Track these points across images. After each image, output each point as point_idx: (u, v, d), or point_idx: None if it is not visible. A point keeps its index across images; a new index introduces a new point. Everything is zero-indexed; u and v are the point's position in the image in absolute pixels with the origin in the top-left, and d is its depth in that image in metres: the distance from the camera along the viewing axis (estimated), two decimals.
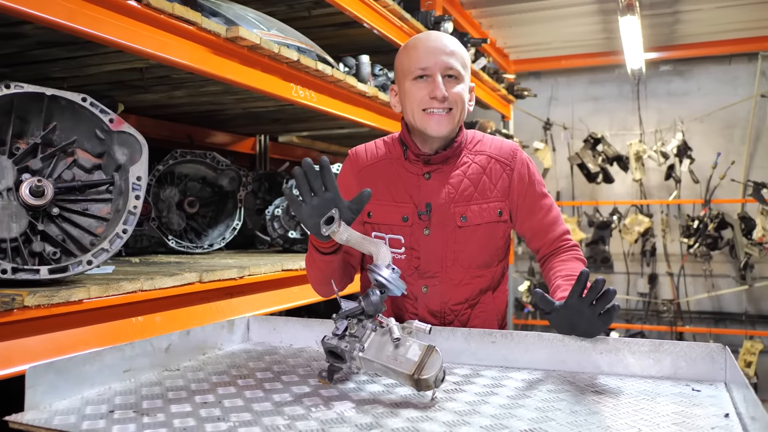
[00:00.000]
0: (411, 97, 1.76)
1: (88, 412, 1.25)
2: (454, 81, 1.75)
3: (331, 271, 1.77)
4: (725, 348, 1.49)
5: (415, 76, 1.75)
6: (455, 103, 1.75)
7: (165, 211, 3.17)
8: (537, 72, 8.00)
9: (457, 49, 1.77)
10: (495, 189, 1.82)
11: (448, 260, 1.81)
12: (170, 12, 1.99)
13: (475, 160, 1.84)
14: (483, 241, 1.82)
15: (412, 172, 1.83)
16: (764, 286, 7.21)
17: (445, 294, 1.84)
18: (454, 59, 1.75)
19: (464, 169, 1.82)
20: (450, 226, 1.80)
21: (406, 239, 1.82)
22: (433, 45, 1.75)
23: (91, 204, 1.86)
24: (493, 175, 1.83)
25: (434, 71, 1.73)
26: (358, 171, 1.90)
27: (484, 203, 1.81)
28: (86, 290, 1.69)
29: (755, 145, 7.35)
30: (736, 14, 6.12)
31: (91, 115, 1.79)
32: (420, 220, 1.80)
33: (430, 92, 1.73)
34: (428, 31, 1.84)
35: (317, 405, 1.30)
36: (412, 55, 1.76)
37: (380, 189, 1.84)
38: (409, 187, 1.83)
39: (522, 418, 1.22)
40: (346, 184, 1.88)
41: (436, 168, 1.82)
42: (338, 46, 3.82)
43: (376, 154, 1.90)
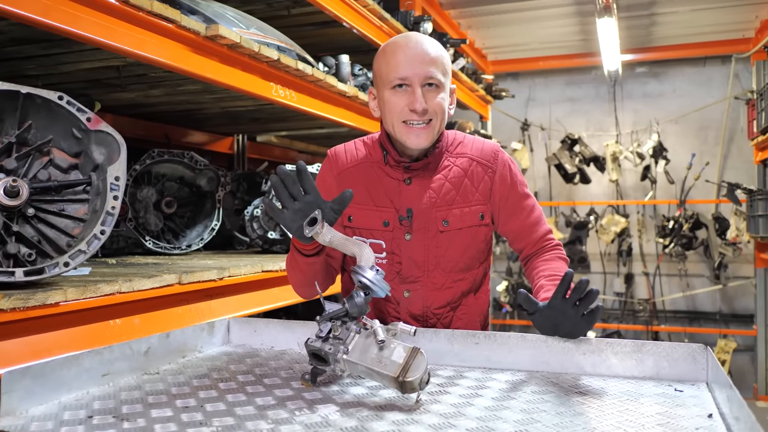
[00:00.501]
0: (390, 107, 1.72)
1: (65, 418, 1.22)
2: (434, 90, 1.70)
3: (313, 273, 1.74)
4: (707, 348, 1.50)
5: (394, 86, 1.70)
6: (435, 114, 1.71)
7: (142, 211, 3.12)
8: (515, 73, 8.05)
9: (437, 56, 1.71)
10: (477, 192, 1.81)
11: (429, 265, 1.80)
12: (148, 9, 1.96)
13: (457, 163, 1.82)
14: (465, 244, 1.81)
15: (392, 177, 1.80)
16: (738, 286, 7.32)
17: (427, 298, 1.83)
18: (434, 67, 1.69)
19: (445, 173, 1.80)
20: (432, 230, 1.78)
21: (387, 244, 1.81)
22: (412, 53, 1.69)
23: (68, 204, 1.82)
24: (474, 178, 1.81)
25: (414, 82, 1.68)
26: (338, 173, 1.86)
27: (466, 207, 1.79)
28: (63, 292, 1.66)
29: (729, 146, 7.46)
30: (711, 17, 6.21)
31: (67, 113, 1.75)
32: (401, 225, 1.78)
33: (409, 104, 1.68)
34: (407, 35, 1.76)
35: (301, 408, 1.28)
36: (391, 62, 1.71)
37: (361, 193, 1.81)
38: (389, 192, 1.80)
39: (508, 420, 1.21)
40: (326, 185, 1.86)
41: (417, 173, 1.79)
42: (318, 45, 3.81)
43: (356, 156, 1.86)
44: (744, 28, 6.51)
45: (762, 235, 5.59)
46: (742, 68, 7.24)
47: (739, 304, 7.42)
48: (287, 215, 1.48)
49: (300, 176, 1.47)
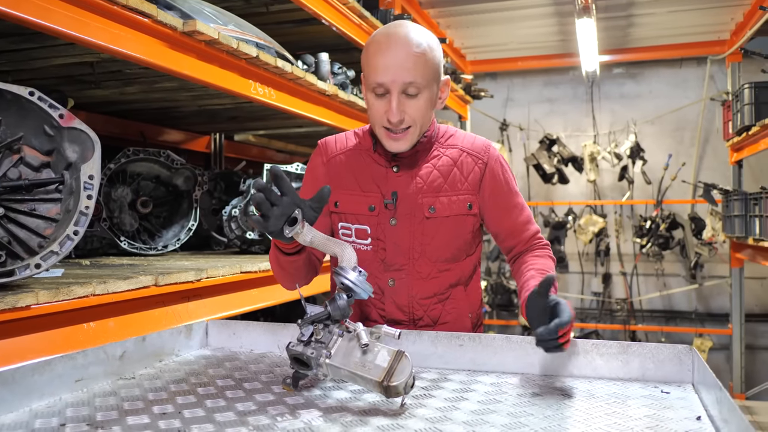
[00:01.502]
0: (371, 111, 1.71)
1: (37, 426, 1.17)
2: (413, 97, 1.66)
3: (295, 270, 1.73)
4: (692, 349, 1.49)
5: (374, 91, 1.67)
6: (413, 122, 1.69)
7: (117, 211, 3.06)
8: (493, 73, 8.06)
9: (420, 58, 1.64)
10: (466, 182, 1.79)
11: (415, 252, 1.77)
12: (124, 3, 1.91)
13: (447, 153, 1.81)
14: (451, 233, 1.78)
15: (380, 164, 1.80)
16: (713, 285, 7.40)
17: (413, 288, 1.80)
18: (414, 73, 1.63)
19: (434, 162, 1.79)
20: (417, 216, 1.76)
21: (372, 230, 1.79)
22: (392, 58, 1.63)
23: (40, 204, 1.76)
24: (464, 168, 1.79)
25: (391, 89, 1.64)
26: (327, 160, 1.86)
27: (454, 195, 1.77)
28: (34, 295, 1.60)
29: (704, 147, 7.55)
30: (687, 19, 6.26)
31: (39, 110, 1.70)
32: (386, 209, 1.77)
33: (385, 111, 1.66)
34: (390, 32, 1.67)
35: (283, 414, 1.25)
36: (371, 64, 1.67)
37: (348, 179, 1.81)
38: (377, 177, 1.79)
39: (495, 424, 1.19)
40: (315, 174, 1.86)
41: (405, 161, 1.79)
42: (297, 43, 3.77)
43: (345, 144, 1.87)
44: (719, 30, 6.58)
45: (737, 235, 5.65)
46: (718, 70, 7.33)
47: (714, 304, 7.50)
48: (270, 222, 1.45)
49: (276, 181, 1.45)
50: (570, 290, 7.94)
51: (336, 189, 1.80)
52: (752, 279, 7.13)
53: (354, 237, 1.81)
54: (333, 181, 1.82)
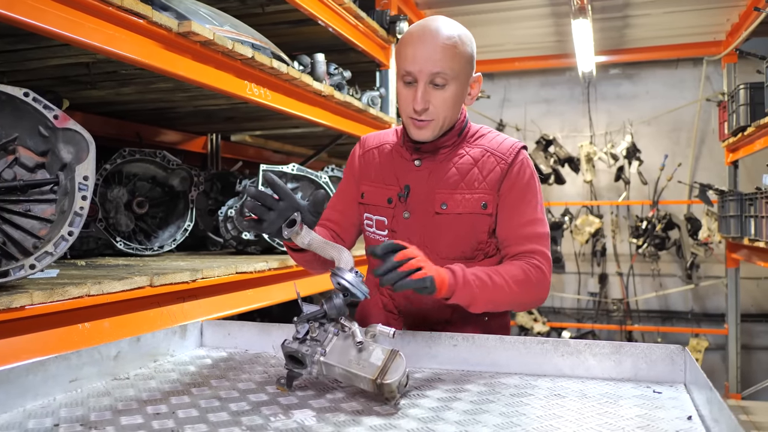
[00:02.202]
0: (399, 98, 1.75)
1: (30, 426, 1.17)
2: (440, 89, 1.68)
3: (307, 263, 1.81)
4: (684, 349, 1.50)
5: (404, 79, 1.71)
6: (437, 113, 1.69)
7: (113, 211, 3.06)
8: (490, 73, 8.07)
9: (450, 51, 1.66)
10: (484, 181, 1.75)
11: (426, 247, 1.76)
12: (118, 4, 1.91)
13: (470, 152, 1.80)
14: (463, 231, 1.76)
15: (405, 158, 1.82)
16: (709, 286, 7.42)
17: None
18: (443, 65, 1.65)
19: (456, 160, 1.79)
20: (429, 211, 1.76)
21: (389, 222, 1.81)
22: (423, 48, 1.66)
23: (34, 205, 1.76)
24: (484, 168, 1.77)
25: (419, 77, 1.67)
26: (362, 154, 1.92)
27: (469, 194, 1.75)
28: (29, 296, 1.60)
29: (700, 147, 7.56)
30: (683, 20, 6.27)
31: (33, 111, 1.70)
32: (400, 202, 1.79)
33: (412, 100, 1.69)
34: (425, 24, 1.70)
35: (276, 414, 1.25)
36: (402, 54, 1.70)
37: (375, 171, 1.86)
38: (399, 171, 1.82)
39: (487, 424, 1.19)
40: (352, 166, 1.93)
41: (428, 156, 1.79)
42: (293, 44, 3.77)
43: (381, 139, 1.92)
44: (715, 31, 6.59)
45: (733, 235, 5.66)
46: (714, 70, 7.34)
47: (710, 304, 7.52)
48: (266, 225, 1.50)
49: (272, 187, 1.50)
50: (566, 290, 7.95)
51: (364, 181, 1.87)
52: (748, 279, 7.15)
53: (374, 228, 1.84)
54: (363, 173, 1.88)
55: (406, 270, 1.41)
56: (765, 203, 4.60)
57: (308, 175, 3.27)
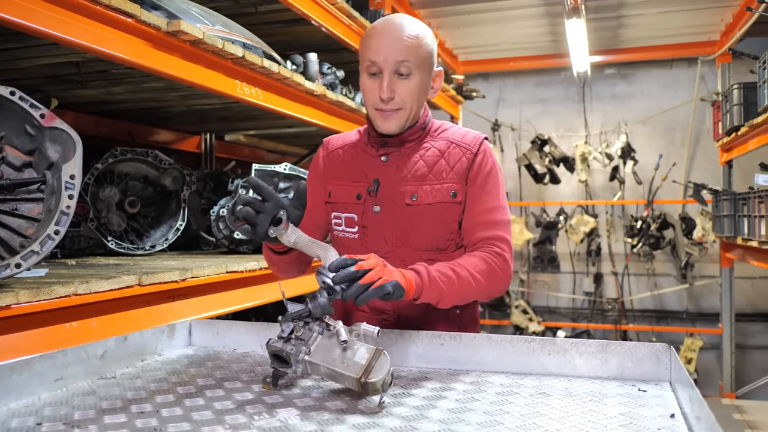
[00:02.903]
0: (364, 91, 1.77)
1: (13, 426, 1.17)
2: (404, 78, 1.71)
3: (288, 266, 1.82)
4: (670, 348, 1.50)
5: (368, 70, 1.73)
6: (403, 103, 1.73)
7: (104, 211, 3.05)
8: (485, 73, 8.07)
9: (413, 42, 1.70)
10: (451, 171, 1.78)
11: (398, 240, 1.78)
12: (107, 3, 1.90)
13: (436, 145, 1.82)
14: (435, 222, 1.77)
15: (370, 154, 1.84)
16: (704, 285, 7.43)
17: None
18: (407, 55, 1.69)
19: (422, 153, 1.81)
20: (399, 204, 1.77)
21: (359, 218, 1.82)
22: (386, 39, 1.70)
23: (21, 204, 1.76)
24: (451, 159, 1.80)
25: (384, 68, 1.70)
26: (327, 154, 1.92)
27: (438, 184, 1.77)
28: (14, 295, 1.60)
29: (695, 147, 7.57)
30: (677, 20, 6.28)
31: (20, 109, 1.69)
32: (369, 196, 1.79)
33: (378, 90, 1.71)
34: (389, 18, 1.76)
35: (260, 413, 1.25)
36: (366, 45, 1.74)
37: (341, 170, 1.87)
38: (366, 167, 1.83)
39: (470, 422, 1.19)
40: (316, 167, 1.93)
41: (394, 151, 1.81)
42: (286, 43, 3.76)
43: (345, 140, 1.93)
44: (710, 31, 6.60)
45: (727, 234, 5.67)
46: (708, 70, 7.35)
47: (705, 303, 7.53)
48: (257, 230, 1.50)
49: (256, 191, 1.51)
50: (562, 290, 7.96)
51: (330, 180, 1.87)
52: (742, 279, 7.16)
53: (344, 226, 1.84)
54: (329, 173, 1.88)
55: (366, 282, 1.40)
56: (758, 203, 4.61)
57: (301, 174, 3.26)
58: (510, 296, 7.81)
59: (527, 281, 8.02)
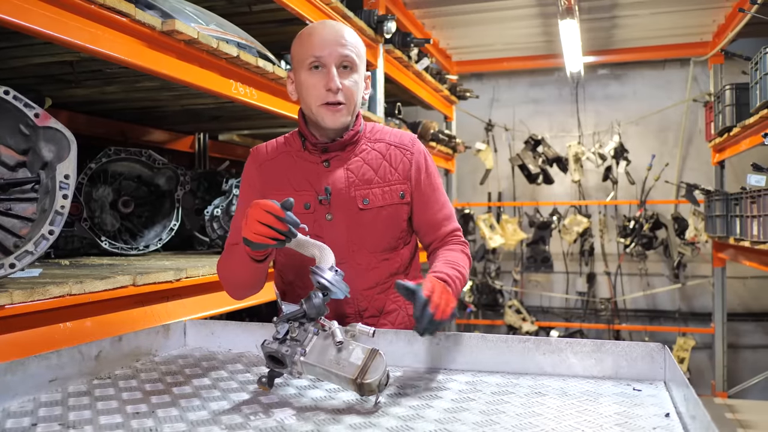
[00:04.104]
0: (307, 88, 1.75)
1: (8, 426, 1.17)
2: (348, 72, 1.74)
3: (258, 278, 1.75)
4: (664, 347, 1.51)
5: (310, 66, 1.73)
6: (350, 94, 1.75)
7: (98, 211, 3.04)
8: (479, 74, 8.08)
9: (351, 39, 1.76)
10: (396, 172, 1.83)
11: (354, 245, 1.79)
12: (101, 2, 1.90)
13: (375, 147, 1.85)
14: (387, 223, 1.81)
15: (311, 161, 1.82)
16: (696, 285, 7.46)
17: (354, 280, 1.78)
18: (349, 49, 1.73)
19: (364, 156, 1.83)
20: (352, 209, 1.78)
21: (310, 227, 1.78)
22: (328, 34, 1.74)
23: (15, 204, 1.75)
24: (393, 160, 1.84)
25: (328, 62, 1.72)
26: (259, 165, 1.87)
27: (386, 186, 1.81)
28: (8, 295, 1.59)
29: (687, 147, 7.60)
30: (670, 21, 6.30)
31: (14, 109, 1.68)
32: (321, 205, 1.79)
33: (324, 84, 1.72)
34: (324, 20, 1.82)
35: (256, 413, 1.25)
36: (307, 43, 1.74)
37: (281, 180, 1.82)
38: (308, 175, 1.81)
39: (466, 422, 1.20)
40: (250, 179, 1.87)
41: (335, 155, 1.81)
42: (281, 43, 3.74)
43: (276, 148, 1.89)
44: (702, 32, 6.62)
45: (719, 234, 5.69)
46: (701, 71, 7.38)
47: (697, 303, 7.56)
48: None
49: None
50: (555, 290, 7.97)
51: (270, 192, 1.80)
52: (734, 278, 7.19)
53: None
54: (266, 184, 1.82)
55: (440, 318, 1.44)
56: (750, 203, 4.63)
57: None
58: (503, 296, 7.82)
59: (520, 281, 8.03)
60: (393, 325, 1.83)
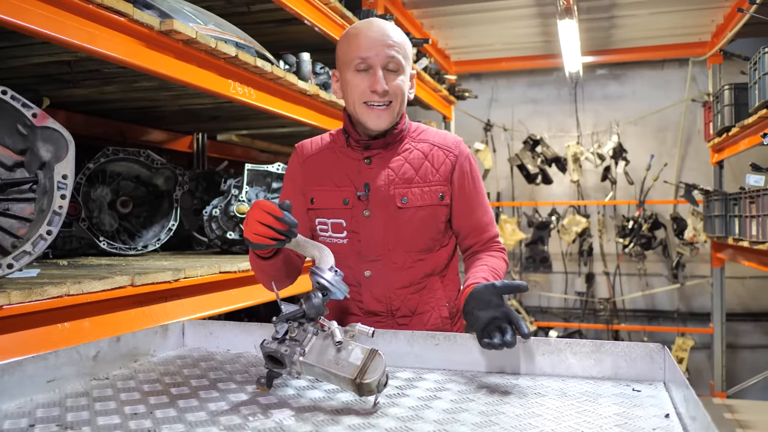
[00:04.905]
0: (352, 89, 1.75)
1: (5, 427, 1.16)
2: (394, 73, 1.74)
3: (275, 272, 1.77)
4: (664, 348, 1.50)
5: (356, 68, 1.73)
6: (395, 96, 1.75)
7: (96, 211, 3.04)
8: (478, 73, 8.08)
9: (398, 39, 1.75)
10: (437, 173, 1.82)
11: (390, 243, 1.79)
12: (99, 2, 1.89)
13: (418, 147, 1.84)
14: (424, 223, 1.81)
15: (353, 158, 1.83)
16: (695, 285, 7.46)
17: (389, 278, 1.82)
18: (396, 51, 1.73)
19: (406, 155, 1.82)
20: (390, 207, 1.78)
21: (347, 223, 1.81)
22: (374, 35, 1.73)
23: (13, 204, 1.75)
24: (435, 161, 1.83)
25: (375, 63, 1.72)
26: (303, 161, 1.89)
27: (426, 186, 1.80)
28: (6, 296, 1.59)
29: (686, 147, 7.60)
30: (669, 21, 6.31)
31: (11, 109, 1.68)
32: (359, 201, 1.79)
33: (370, 85, 1.72)
34: (370, 20, 1.80)
35: (255, 414, 1.25)
36: (353, 43, 1.74)
37: (323, 175, 1.85)
38: (350, 171, 1.82)
39: (465, 423, 1.19)
40: (293, 175, 1.90)
41: (377, 153, 1.81)
42: (279, 43, 3.76)
43: (320, 144, 1.91)
44: (701, 32, 6.63)
45: (718, 234, 5.70)
46: (699, 71, 7.39)
47: (696, 303, 7.56)
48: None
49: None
50: (554, 290, 7.98)
51: (312, 187, 1.85)
52: (733, 279, 7.20)
53: (330, 231, 1.84)
54: (309, 179, 1.86)
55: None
56: (749, 203, 4.63)
57: None
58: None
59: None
60: (425, 327, 1.83)
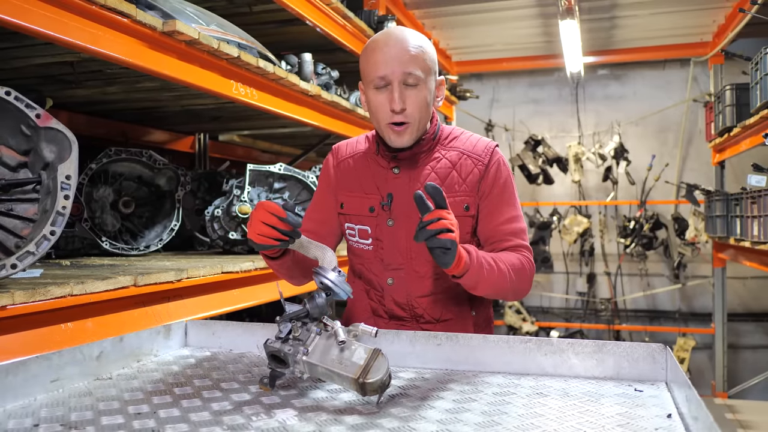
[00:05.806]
0: (372, 107, 1.76)
1: (10, 427, 1.16)
2: (413, 89, 1.72)
3: (286, 270, 1.79)
4: (666, 348, 1.50)
5: (375, 85, 1.73)
6: (413, 114, 1.73)
7: (98, 211, 3.04)
8: (479, 74, 8.09)
9: (417, 53, 1.71)
10: (464, 183, 1.80)
11: (412, 252, 1.80)
12: (102, 3, 1.90)
13: (447, 156, 1.83)
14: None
15: (382, 165, 1.84)
16: (696, 285, 7.46)
17: (410, 287, 1.82)
18: (413, 66, 1.70)
19: (433, 164, 1.81)
20: (413, 218, 1.77)
21: (372, 230, 1.83)
22: (391, 52, 1.70)
23: (17, 204, 1.75)
24: (462, 170, 1.81)
25: (392, 80, 1.70)
26: (337, 164, 1.92)
27: (451, 197, 1.77)
28: (10, 296, 1.59)
29: (687, 148, 7.60)
30: (670, 21, 6.31)
31: (15, 109, 1.68)
32: (383, 210, 1.80)
33: (389, 103, 1.71)
34: (388, 32, 1.77)
35: (258, 413, 1.25)
36: (371, 60, 1.73)
37: (353, 181, 1.87)
38: (378, 179, 1.83)
39: (468, 422, 1.20)
40: (327, 176, 1.93)
41: (405, 163, 1.82)
42: (280, 43, 3.76)
43: (355, 148, 1.93)
44: (702, 32, 6.63)
45: (719, 235, 5.70)
46: (700, 71, 7.38)
47: (697, 303, 7.56)
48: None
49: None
50: (555, 290, 7.98)
51: (342, 191, 1.87)
52: (734, 279, 7.20)
53: (357, 237, 1.86)
54: (340, 183, 1.89)
55: (435, 228, 1.41)
56: (751, 203, 4.63)
57: (295, 174, 3.27)
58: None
59: None
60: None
